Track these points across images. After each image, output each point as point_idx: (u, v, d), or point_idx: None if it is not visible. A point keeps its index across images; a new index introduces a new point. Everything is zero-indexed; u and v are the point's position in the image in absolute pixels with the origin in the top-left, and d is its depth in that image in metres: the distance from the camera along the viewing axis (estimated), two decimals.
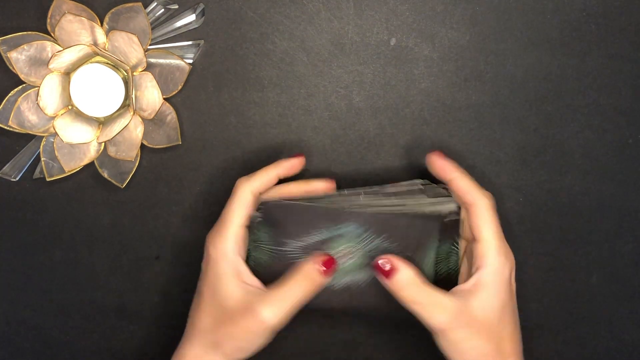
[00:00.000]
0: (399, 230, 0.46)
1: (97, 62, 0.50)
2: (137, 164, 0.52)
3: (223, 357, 0.45)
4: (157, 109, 0.51)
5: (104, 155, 0.52)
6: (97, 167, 0.52)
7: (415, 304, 0.44)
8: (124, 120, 0.50)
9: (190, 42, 0.52)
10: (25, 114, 0.50)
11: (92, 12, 0.50)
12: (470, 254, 0.47)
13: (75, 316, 0.55)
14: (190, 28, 0.52)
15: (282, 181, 0.49)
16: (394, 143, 0.53)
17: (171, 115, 0.52)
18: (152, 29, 0.51)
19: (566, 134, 0.53)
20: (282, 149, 0.53)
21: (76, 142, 0.51)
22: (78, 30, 0.49)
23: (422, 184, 0.50)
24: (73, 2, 0.49)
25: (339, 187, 0.50)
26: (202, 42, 0.52)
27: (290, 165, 0.49)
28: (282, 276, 0.45)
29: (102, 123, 0.52)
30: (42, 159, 0.52)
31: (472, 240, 0.47)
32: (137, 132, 0.51)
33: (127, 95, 0.51)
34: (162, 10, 0.51)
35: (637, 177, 0.54)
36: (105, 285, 0.55)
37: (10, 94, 0.50)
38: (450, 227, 0.48)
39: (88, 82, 0.50)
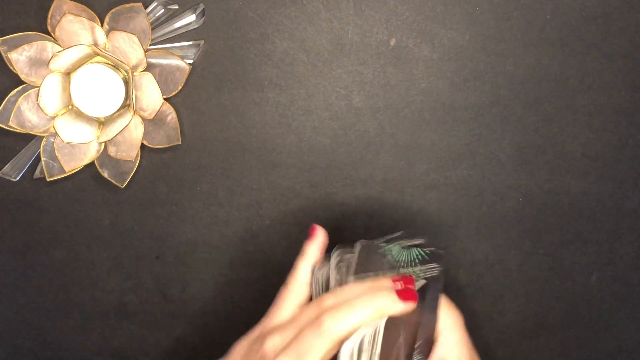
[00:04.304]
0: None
1: (98, 62, 0.50)
2: (137, 164, 0.53)
3: None
4: (158, 109, 0.51)
5: (104, 155, 0.52)
6: (98, 167, 0.52)
7: None
8: (124, 120, 0.50)
9: (190, 43, 0.52)
10: (26, 114, 0.50)
11: (92, 12, 0.50)
12: None
13: (75, 316, 0.55)
14: (191, 28, 0.52)
15: None
16: (394, 143, 0.53)
17: (171, 115, 0.52)
18: (153, 29, 0.51)
19: (566, 134, 0.53)
20: (282, 150, 0.53)
21: (76, 142, 0.51)
22: (78, 30, 0.49)
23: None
24: (73, 2, 0.49)
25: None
26: (202, 42, 0.52)
27: (324, 239, 0.48)
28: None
29: (102, 123, 0.52)
30: (43, 159, 0.52)
31: None
32: (137, 132, 0.51)
33: (128, 96, 0.51)
34: (163, 10, 0.51)
35: (636, 177, 0.54)
36: (105, 285, 0.55)
37: (10, 94, 0.50)
38: None
39: (88, 82, 0.50)
